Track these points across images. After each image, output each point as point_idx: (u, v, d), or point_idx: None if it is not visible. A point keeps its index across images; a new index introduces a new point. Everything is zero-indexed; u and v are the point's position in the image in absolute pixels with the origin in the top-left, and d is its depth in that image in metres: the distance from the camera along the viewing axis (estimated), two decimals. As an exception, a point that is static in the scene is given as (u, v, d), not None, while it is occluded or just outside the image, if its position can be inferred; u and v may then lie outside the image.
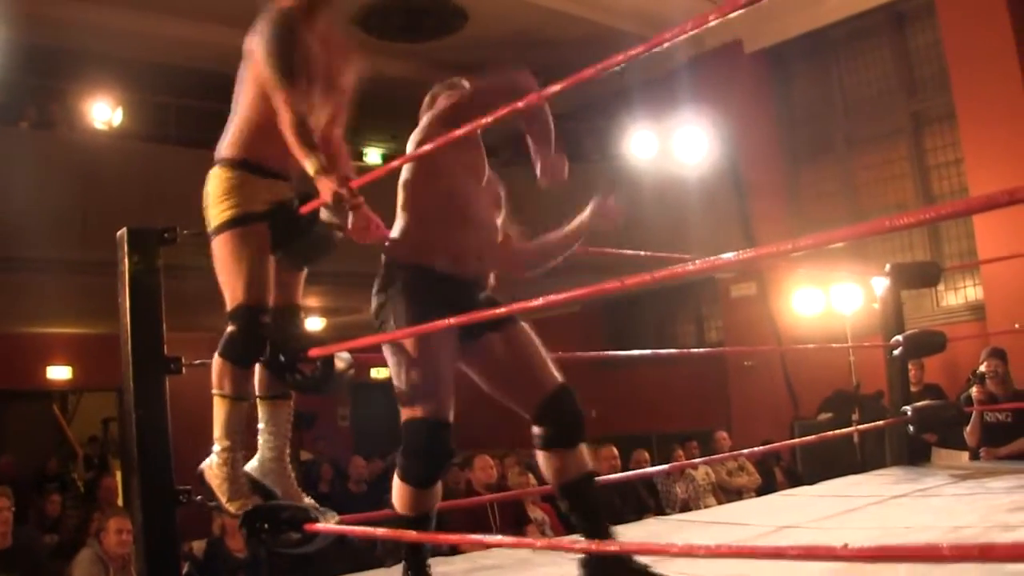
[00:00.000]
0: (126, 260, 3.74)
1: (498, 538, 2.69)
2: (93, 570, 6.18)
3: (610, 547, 3.00)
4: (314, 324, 15.74)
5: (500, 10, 12.32)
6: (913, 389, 7.40)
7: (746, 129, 13.16)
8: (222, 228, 3.55)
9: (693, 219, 12.23)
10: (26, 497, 9.43)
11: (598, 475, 3.39)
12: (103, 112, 11.45)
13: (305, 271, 3.85)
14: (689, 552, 2.23)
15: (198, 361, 3.76)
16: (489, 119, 2.84)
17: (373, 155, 16.70)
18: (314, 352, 3.60)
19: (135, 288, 3.74)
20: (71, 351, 14.97)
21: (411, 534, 3.11)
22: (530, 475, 9.67)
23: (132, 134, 11.92)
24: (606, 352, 13.76)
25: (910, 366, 7.06)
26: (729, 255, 2.28)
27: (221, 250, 3.55)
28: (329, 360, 3.64)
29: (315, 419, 16.46)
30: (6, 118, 10.74)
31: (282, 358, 3.61)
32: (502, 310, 2.98)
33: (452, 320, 3.05)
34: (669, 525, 5.34)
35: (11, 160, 9.79)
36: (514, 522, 7.97)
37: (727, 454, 9.23)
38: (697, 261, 2.32)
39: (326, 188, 3.29)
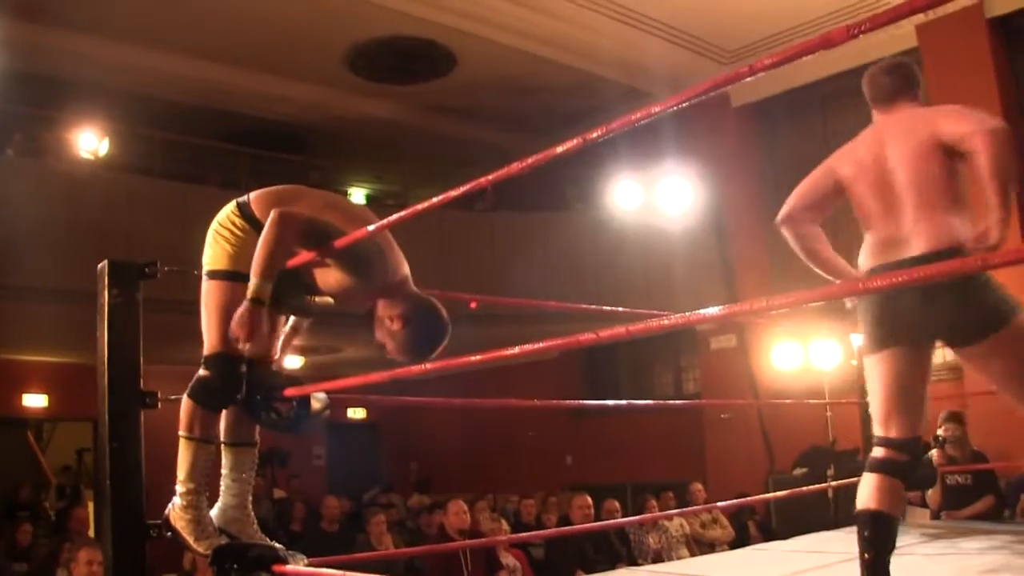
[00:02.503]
0: (106, 293, 3.72)
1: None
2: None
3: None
4: (292, 363, 15.70)
5: (489, 56, 12.39)
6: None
7: (730, 181, 13.19)
8: (218, 275, 3.58)
9: (676, 268, 12.28)
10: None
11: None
12: (90, 142, 11.44)
13: (286, 321, 3.89)
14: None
15: (174, 396, 3.74)
16: None
17: (357, 195, 16.74)
18: (290, 392, 3.59)
19: (114, 321, 3.70)
20: (48, 379, 14.89)
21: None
22: (502, 521, 9.67)
23: (117, 165, 11.91)
24: (580, 401, 13.77)
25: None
26: (707, 310, 2.27)
27: (211, 294, 3.57)
28: (305, 400, 3.61)
29: (289, 457, 16.39)
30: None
31: (258, 397, 3.59)
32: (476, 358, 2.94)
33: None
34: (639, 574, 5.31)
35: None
36: (486, 568, 7.96)
37: (701, 507, 9.22)
38: (673, 317, 2.29)
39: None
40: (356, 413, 18.99)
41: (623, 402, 12.93)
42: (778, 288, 11.06)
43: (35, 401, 14.95)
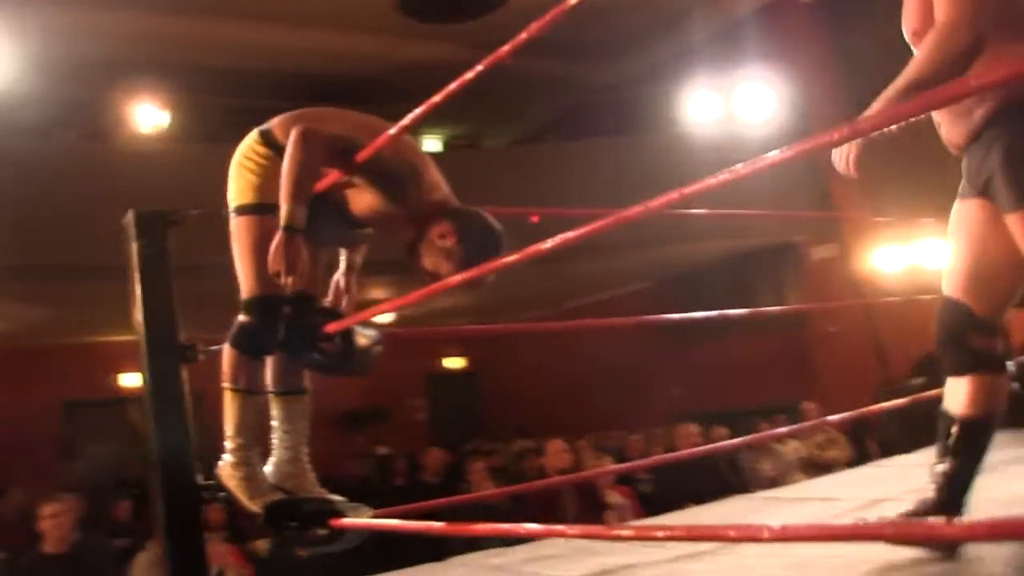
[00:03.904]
0: (134, 244, 3.50)
1: (532, 527, 2.27)
2: (150, 572, 6.40)
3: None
4: (383, 317, 15.53)
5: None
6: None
7: (811, 82, 12.53)
8: (245, 210, 3.31)
9: (761, 182, 11.71)
10: (101, 503, 9.48)
11: None
12: (152, 116, 11.33)
13: (326, 252, 3.60)
14: (751, 536, 1.83)
15: (215, 347, 3.47)
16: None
17: (430, 143, 16.46)
18: (331, 327, 3.27)
19: (145, 273, 3.50)
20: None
21: (439, 526, 2.74)
22: (605, 459, 9.32)
23: (182, 136, 11.86)
24: (673, 315, 13.39)
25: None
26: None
27: (240, 232, 3.31)
28: (349, 335, 3.31)
29: (389, 413, 16.31)
30: (52, 128, 10.75)
31: (297, 336, 3.28)
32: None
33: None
34: (754, 503, 4.99)
35: (66, 169, 9.78)
36: (590, 508, 7.64)
37: (812, 422, 8.78)
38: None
39: None
40: (455, 363, 18.83)
41: (714, 313, 12.43)
42: (876, 187, 10.49)
43: (132, 381, 14.88)
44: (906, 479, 4.40)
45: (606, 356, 14.37)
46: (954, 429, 2.84)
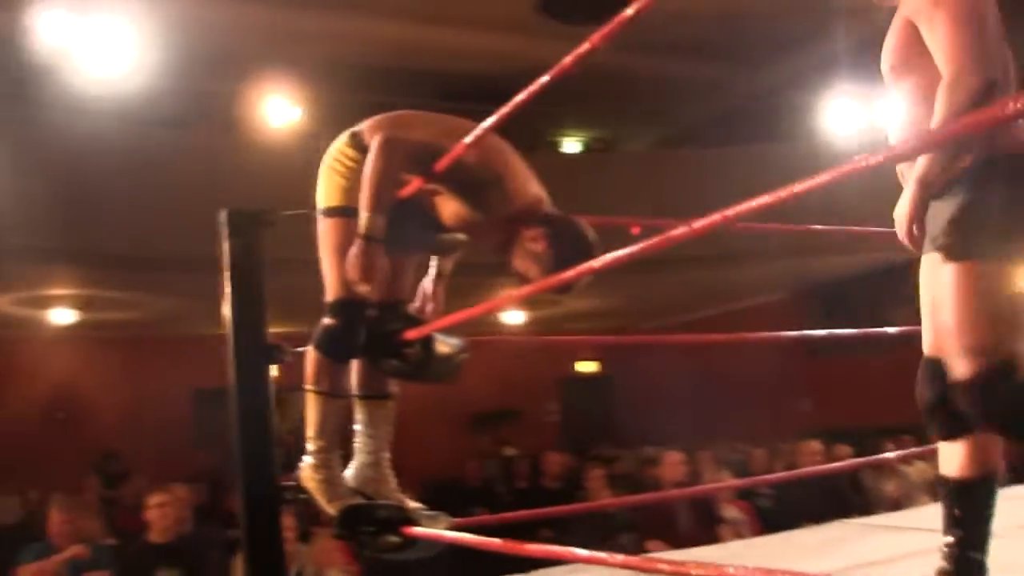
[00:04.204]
0: (226, 244, 3.53)
1: (580, 552, 2.24)
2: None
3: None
4: (515, 318, 15.54)
5: (685, -18, 11.76)
6: None
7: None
8: (332, 212, 3.32)
9: (898, 193, 11.39)
10: (220, 493, 9.65)
11: None
12: (283, 112, 11.45)
13: (415, 258, 3.58)
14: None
15: (301, 348, 3.51)
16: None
17: (569, 145, 16.40)
18: (411, 334, 3.26)
19: (235, 272, 3.54)
20: (278, 350, 15.08)
21: (496, 543, 2.71)
22: (725, 473, 9.18)
23: (312, 132, 11.94)
24: (809, 332, 13.16)
25: None
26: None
27: (326, 234, 3.33)
28: (428, 343, 3.28)
29: (520, 415, 16.29)
30: (185, 121, 10.93)
31: (375, 342, 3.29)
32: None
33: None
34: (850, 529, 4.86)
35: (197, 162, 9.95)
36: (706, 521, 7.54)
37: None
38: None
39: None
40: (588, 366, 18.73)
41: (845, 331, 12.10)
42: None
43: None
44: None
45: (737, 366, 14.18)
46: (953, 495, 2.72)
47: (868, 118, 11.63)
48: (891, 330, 6.87)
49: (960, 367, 2.59)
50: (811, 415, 14.06)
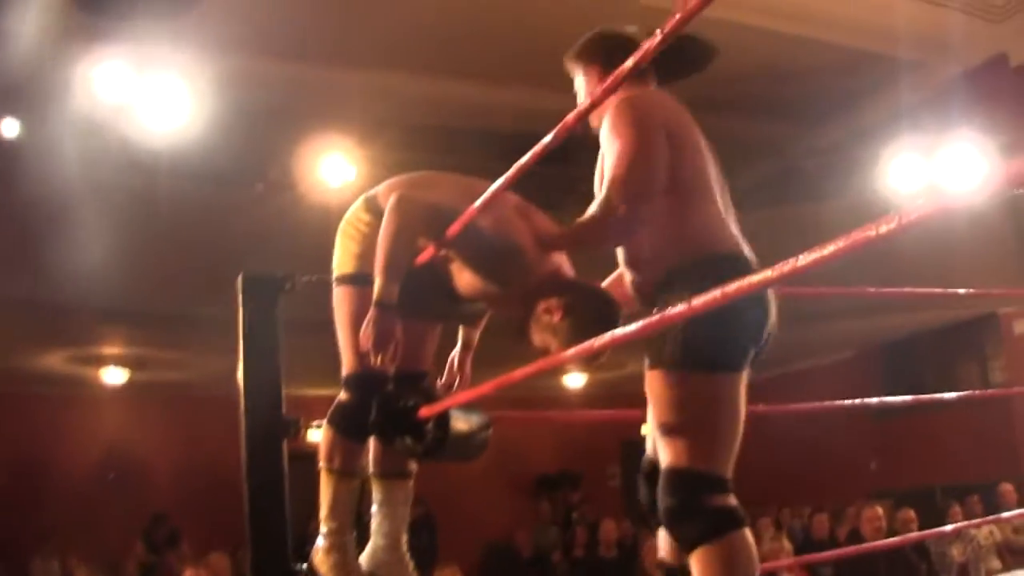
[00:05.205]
0: (241, 310, 3.41)
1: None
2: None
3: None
4: (575, 381, 15.36)
5: (746, 42, 11.52)
6: None
7: (1019, 150, 11.86)
8: (345, 280, 3.21)
9: (962, 252, 11.12)
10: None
11: None
12: (339, 171, 11.38)
13: (437, 328, 3.41)
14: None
15: (316, 423, 3.37)
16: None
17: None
18: (425, 412, 3.07)
19: (250, 340, 3.42)
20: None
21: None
22: (783, 540, 8.92)
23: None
24: (865, 400, 12.91)
25: None
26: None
27: (340, 303, 3.23)
28: (443, 420, 3.08)
29: (581, 479, 16.06)
30: (243, 180, 10.92)
31: (385, 419, 3.12)
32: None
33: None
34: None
35: (252, 220, 9.93)
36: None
37: (1014, 512, 8.21)
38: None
39: None
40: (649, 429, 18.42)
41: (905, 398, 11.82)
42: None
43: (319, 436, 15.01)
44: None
45: (800, 427, 13.91)
46: None
47: (929, 173, 11.39)
48: (948, 396, 6.70)
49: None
50: (877, 475, 13.76)
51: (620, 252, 2.97)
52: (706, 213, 2.87)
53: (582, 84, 3.27)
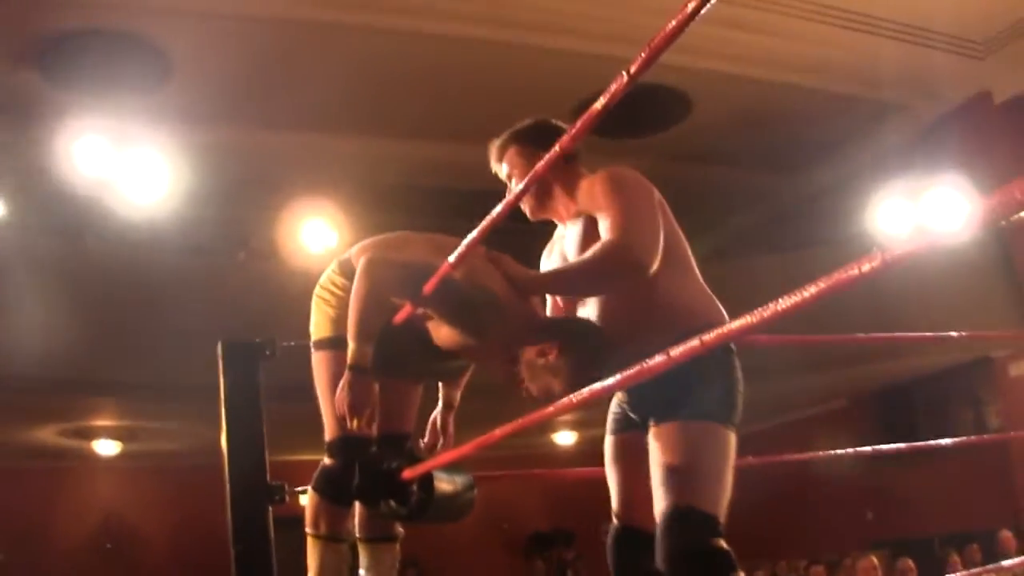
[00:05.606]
0: (222, 377, 3.34)
1: None
2: None
3: None
4: (565, 439, 15.29)
5: (723, 92, 11.56)
6: None
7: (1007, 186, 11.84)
8: (323, 345, 3.20)
9: (952, 296, 11.08)
10: None
11: None
12: (321, 235, 11.36)
13: (418, 388, 3.36)
14: None
15: (301, 489, 3.30)
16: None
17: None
18: (408, 473, 2.99)
19: (232, 407, 3.36)
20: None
21: None
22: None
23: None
24: (866, 449, 12.82)
25: None
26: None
27: (319, 368, 3.21)
28: (427, 482, 3.00)
29: (574, 536, 15.93)
30: (224, 249, 10.92)
31: (367, 483, 3.06)
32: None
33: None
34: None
35: (234, 288, 9.91)
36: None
37: (1015, 561, 8.10)
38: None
39: None
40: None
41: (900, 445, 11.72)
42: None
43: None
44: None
45: (795, 478, 13.85)
46: None
47: (917, 216, 11.37)
48: (944, 442, 6.63)
49: None
50: (873, 525, 13.65)
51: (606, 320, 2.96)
52: (699, 285, 3.02)
53: (516, 164, 3.38)
